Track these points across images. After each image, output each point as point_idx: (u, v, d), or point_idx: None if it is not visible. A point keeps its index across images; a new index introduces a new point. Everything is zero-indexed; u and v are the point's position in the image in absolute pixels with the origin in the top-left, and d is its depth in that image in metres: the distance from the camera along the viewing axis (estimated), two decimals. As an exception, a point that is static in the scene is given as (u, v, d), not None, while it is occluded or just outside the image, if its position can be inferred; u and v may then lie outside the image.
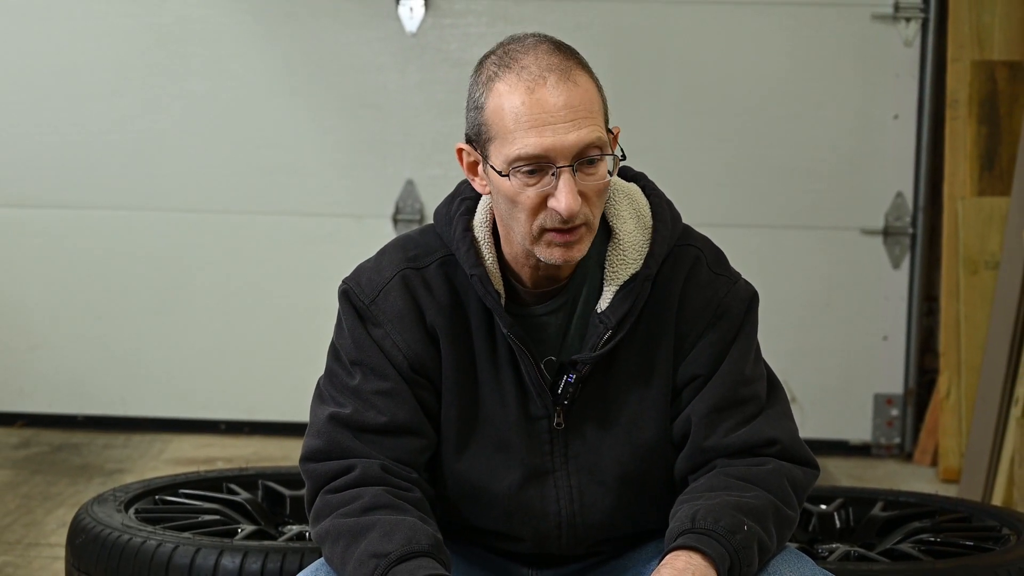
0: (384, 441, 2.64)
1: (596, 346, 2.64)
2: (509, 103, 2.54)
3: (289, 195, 6.34)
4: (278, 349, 6.34)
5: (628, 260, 2.66)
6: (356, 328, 2.68)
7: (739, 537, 2.50)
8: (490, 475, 2.68)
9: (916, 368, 6.31)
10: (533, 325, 2.67)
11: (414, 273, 2.68)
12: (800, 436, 2.74)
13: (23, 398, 6.46)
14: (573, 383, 2.66)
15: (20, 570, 4.57)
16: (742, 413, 2.67)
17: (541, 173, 2.54)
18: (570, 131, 2.53)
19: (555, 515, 2.72)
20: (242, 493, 3.81)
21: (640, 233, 2.68)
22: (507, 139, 2.54)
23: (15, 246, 6.38)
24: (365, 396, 2.65)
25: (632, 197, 2.72)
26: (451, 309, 2.67)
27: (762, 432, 2.66)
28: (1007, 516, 3.65)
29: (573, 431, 2.69)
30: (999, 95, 5.92)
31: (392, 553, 2.48)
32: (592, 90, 2.59)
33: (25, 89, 6.32)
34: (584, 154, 2.54)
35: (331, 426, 2.65)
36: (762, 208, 6.25)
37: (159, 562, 3.30)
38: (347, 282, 2.72)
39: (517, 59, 2.56)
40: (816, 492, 3.89)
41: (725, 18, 6.21)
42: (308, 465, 2.67)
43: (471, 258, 2.64)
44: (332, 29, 6.27)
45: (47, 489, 5.49)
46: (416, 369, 2.67)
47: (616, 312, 2.64)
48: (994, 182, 5.90)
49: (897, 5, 6.18)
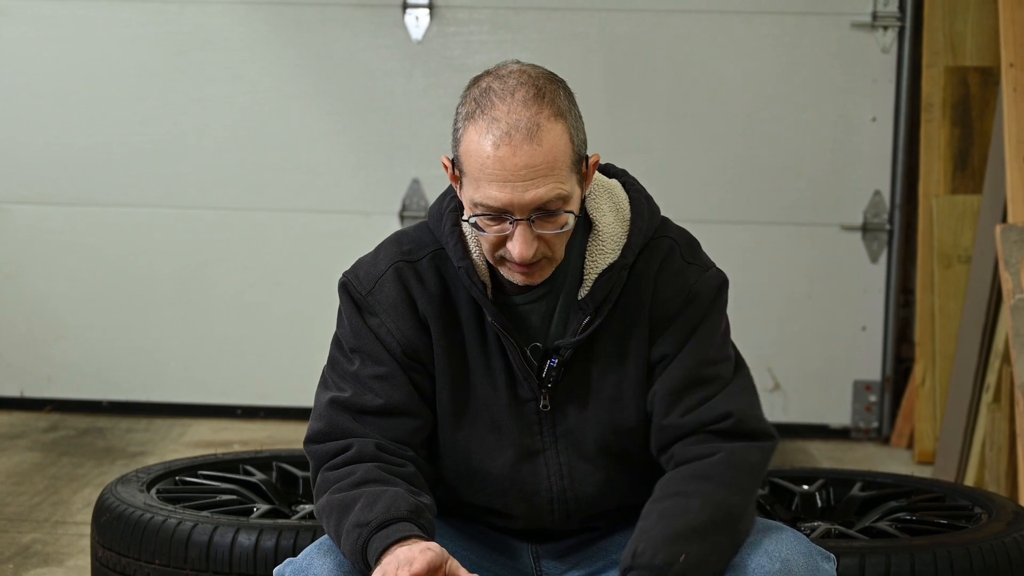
0: (381, 422, 2.67)
1: (576, 331, 2.67)
2: (477, 151, 2.56)
3: (302, 193, 6.33)
4: (291, 338, 6.33)
5: (606, 251, 2.69)
6: (354, 317, 2.72)
7: (675, 568, 2.50)
8: (484, 455, 2.70)
9: (893, 356, 6.31)
10: (518, 313, 2.70)
11: (407, 266, 2.71)
12: (759, 410, 2.73)
13: (51, 385, 6.46)
14: (556, 367, 2.68)
15: (48, 547, 4.56)
16: (704, 391, 2.68)
17: (500, 220, 2.57)
18: (528, 189, 2.55)
19: (547, 491, 2.74)
20: (257, 474, 3.81)
21: (618, 226, 2.71)
22: (473, 184, 2.58)
23: (43, 241, 6.38)
24: (363, 380, 2.69)
25: (612, 192, 2.75)
26: (441, 299, 2.70)
27: (716, 408, 2.66)
28: (979, 496, 3.65)
29: (559, 412, 2.72)
30: (971, 99, 5.92)
31: (372, 522, 2.51)
32: (559, 144, 2.57)
33: (53, 94, 6.32)
34: (542, 208, 2.56)
35: (332, 409, 2.69)
36: (748, 205, 6.24)
37: (179, 539, 3.30)
38: (346, 275, 2.76)
39: (493, 105, 2.56)
40: (797, 473, 3.89)
41: (713, 27, 6.21)
42: (311, 446, 2.70)
43: (458, 251, 2.67)
44: (342, 37, 6.27)
45: (73, 470, 5.49)
46: (409, 355, 2.69)
47: (594, 299, 2.66)
48: (967, 181, 5.89)
49: (875, 14, 6.17)
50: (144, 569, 3.33)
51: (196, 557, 3.27)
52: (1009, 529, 3.35)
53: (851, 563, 3.17)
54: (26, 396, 6.46)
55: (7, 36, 6.32)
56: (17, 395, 6.46)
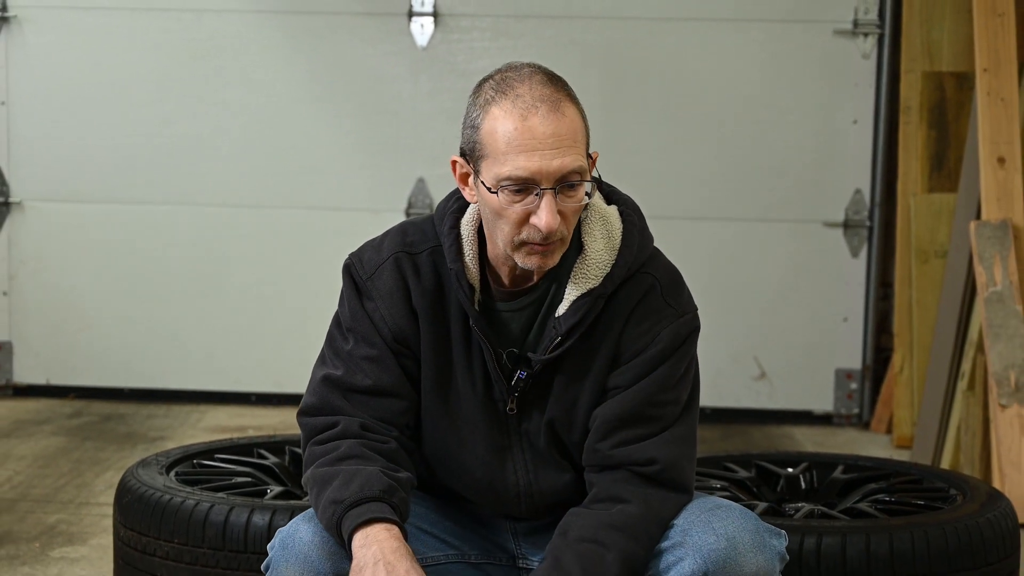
0: (369, 401, 2.68)
1: (547, 349, 2.65)
2: (503, 127, 2.54)
3: (313, 191, 6.33)
4: (303, 329, 6.32)
5: (590, 276, 2.65)
6: (353, 299, 2.73)
7: None
8: (461, 446, 2.71)
9: (873, 346, 6.30)
10: (499, 320, 2.69)
11: (407, 257, 2.71)
12: (687, 462, 2.68)
13: (75, 373, 6.45)
14: (525, 379, 2.67)
15: (73, 527, 4.56)
16: (641, 430, 2.64)
17: (526, 192, 2.55)
18: (555, 158, 2.53)
19: (514, 485, 2.75)
20: (271, 458, 3.80)
21: (607, 253, 2.67)
22: (498, 159, 2.55)
23: (68, 237, 6.38)
24: (355, 360, 2.70)
25: (607, 220, 2.70)
26: (434, 294, 2.70)
27: (646, 451, 2.63)
28: (954, 478, 3.64)
29: (524, 416, 2.71)
30: (947, 103, 5.91)
31: (346, 500, 2.53)
32: (578, 121, 2.58)
33: (77, 98, 6.31)
34: (566, 179, 2.54)
35: (324, 386, 2.71)
36: (736, 203, 6.24)
37: (197, 519, 3.30)
38: (351, 257, 2.76)
39: (513, 87, 2.56)
40: (782, 457, 3.89)
41: (704, 34, 6.20)
42: (302, 419, 2.73)
43: (452, 253, 2.66)
44: (351, 44, 6.26)
45: (96, 454, 5.49)
46: (399, 340, 2.69)
47: (568, 320, 2.64)
48: (943, 180, 5.89)
49: (856, 22, 6.16)
50: (164, 547, 3.33)
51: (213, 536, 3.27)
52: (983, 510, 3.34)
53: (833, 542, 3.17)
54: (52, 384, 6.46)
55: (34, 43, 6.31)
56: (43, 383, 6.46)
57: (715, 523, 2.56)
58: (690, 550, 2.55)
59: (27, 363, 6.45)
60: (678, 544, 2.57)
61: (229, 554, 3.26)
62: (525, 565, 2.82)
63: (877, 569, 3.16)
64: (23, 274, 6.42)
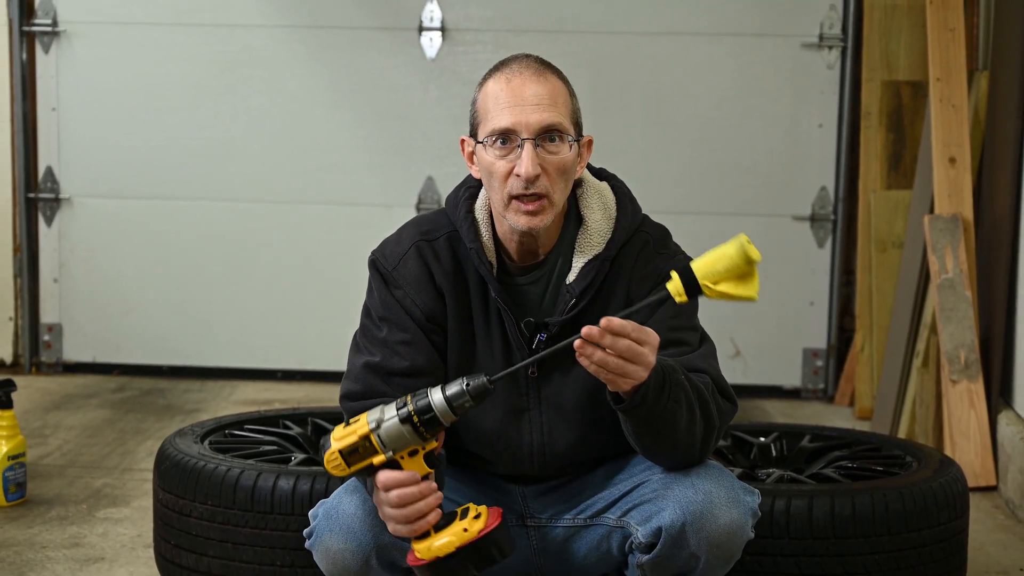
0: (407, 382, 2.66)
1: (563, 311, 2.66)
2: (492, 91, 2.63)
3: (332, 188, 6.31)
4: (324, 312, 6.32)
5: (593, 243, 2.69)
6: (382, 290, 2.72)
7: (672, 376, 2.52)
8: (479, 410, 2.68)
9: (837, 327, 6.29)
10: (517, 292, 2.70)
11: (426, 244, 2.72)
12: (724, 378, 2.71)
13: (119, 352, 6.44)
14: (545, 341, 2.67)
15: (117, 490, 4.56)
16: (676, 350, 2.66)
17: (510, 145, 2.59)
18: (533, 112, 2.59)
19: (528, 445, 2.75)
20: (295, 428, 3.80)
21: (605, 222, 2.71)
22: (487, 118, 2.62)
23: (113, 229, 6.37)
24: (391, 345, 2.69)
25: (602, 193, 2.75)
26: (454, 275, 2.71)
27: (692, 363, 2.65)
28: (910, 447, 3.64)
29: (544, 378, 2.71)
30: (904, 109, 5.90)
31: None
32: (561, 89, 2.64)
33: (120, 105, 6.30)
34: (546, 132, 2.59)
35: (365, 372, 2.69)
36: (712, 199, 6.22)
37: (228, 484, 3.30)
38: (375, 253, 2.77)
39: (506, 64, 2.67)
40: (755, 427, 3.88)
41: (683, 47, 6.18)
42: (347, 403, 2.71)
43: (471, 234, 2.68)
44: (367, 56, 6.25)
45: (138, 425, 5.48)
46: (430, 319, 2.70)
47: (580, 284, 2.66)
48: (900, 179, 5.88)
49: (821, 36, 6.14)
50: (198, 509, 3.33)
51: (243, 499, 3.27)
52: (935, 475, 3.35)
53: (801, 504, 3.17)
54: (98, 361, 6.45)
55: (82, 55, 6.29)
56: (90, 360, 6.45)
57: (695, 479, 2.58)
58: (671, 501, 2.56)
59: (76, 343, 6.44)
60: (660, 495, 2.58)
61: (257, 515, 3.27)
62: (534, 524, 2.81)
63: (841, 528, 3.16)
64: (72, 263, 6.41)
